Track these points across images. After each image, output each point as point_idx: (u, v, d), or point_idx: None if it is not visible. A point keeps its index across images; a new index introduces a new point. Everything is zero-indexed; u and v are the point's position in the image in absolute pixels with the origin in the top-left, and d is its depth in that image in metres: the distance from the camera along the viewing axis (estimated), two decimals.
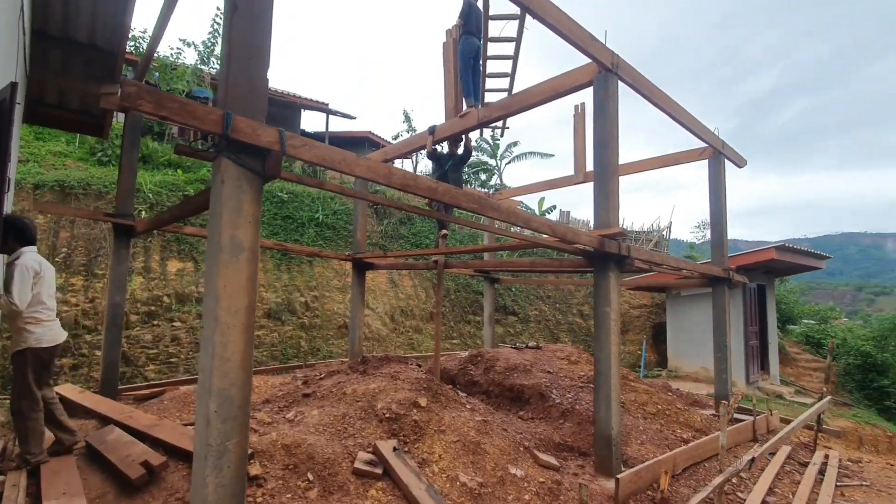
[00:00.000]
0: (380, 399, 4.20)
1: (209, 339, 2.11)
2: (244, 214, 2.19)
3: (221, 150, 2.15)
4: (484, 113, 6.03)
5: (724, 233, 7.46)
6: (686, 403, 6.98)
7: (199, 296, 8.68)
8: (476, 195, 3.25)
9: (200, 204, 3.07)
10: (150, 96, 1.92)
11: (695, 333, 12.57)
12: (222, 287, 2.12)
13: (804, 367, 15.18)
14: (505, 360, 6.52)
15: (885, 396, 13.43)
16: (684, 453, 4.89)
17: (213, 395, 2.06)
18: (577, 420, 5.35)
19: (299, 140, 2.37)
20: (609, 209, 4.69)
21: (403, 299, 11.15)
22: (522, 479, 3.71)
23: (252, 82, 2.26)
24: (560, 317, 14.03)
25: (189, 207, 3.25)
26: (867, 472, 6.25)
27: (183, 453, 3.36)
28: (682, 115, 6.15)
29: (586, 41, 4.49)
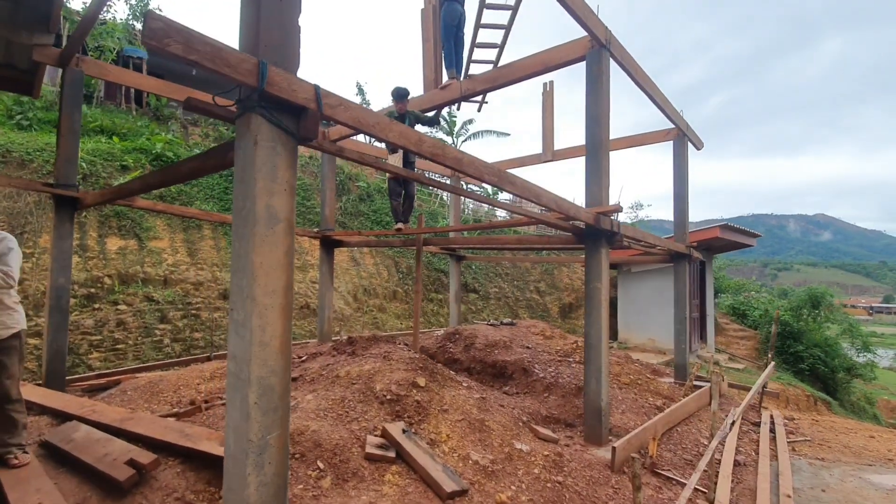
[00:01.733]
0: (377, 380, 4.04)
1: (244, 324, 1.85)
2: (280, 180, 1.93)
3: (253, 107, 1.86)
4: (468, 85, 5.83)
5: (686, 213, 7.85)
6: (650, 372, 7.40)
7: (144, 276, 7.91)
8: (497, 169, 3.11)
9: (194, 169, 2.70)
10: (179, 35, 1.60)
11: (643, 307, 13.36)
12: (259, 264, 1.86)
13: (733, 336, 16.70)
14: (484, 337, 6.54)
15: (800, 360, 15.09)
16: (663, 420, 5.17)
17: (253, 386, 1.82)
18: (560, 393, 5.49)
19: (335, 99, 2.11)
20: (601, 186, 4.73)
21: (366, 278, 10.86)
22: (528, 454, 3.74)
23: (285, 28, 1.96)
24: (518, 293, 14.34)
25: (177, 174, 2.85)
26: (802, 428, 6.98)
27: (170, 448, 3.04)
28: (658, 97, 6.31)
29: (586, 13, 4.43)
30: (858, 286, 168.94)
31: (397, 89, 5.91)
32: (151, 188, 3.54)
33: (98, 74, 5.61)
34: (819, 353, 14.91)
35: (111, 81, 6.36)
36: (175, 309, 7.83)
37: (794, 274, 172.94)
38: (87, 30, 4.91)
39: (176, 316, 7.80)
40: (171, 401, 4.24)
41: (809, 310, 16.03)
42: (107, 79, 5.77)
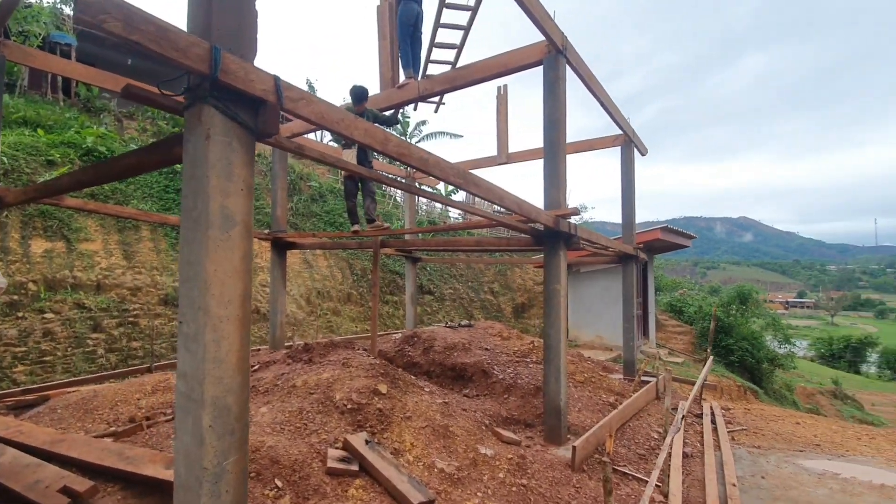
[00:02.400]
0: (336, 389, 3.87)
1: (196, 338, 1.67)
2: (235, 179, 1.76)
3: (205, 97, 1.69)
4: (425, 85, 5.77)
5: (633, 216, 8.19)
6: (601, 370, 7.63)
7: (74, 281, 7.20)
8: (462, 171, 3.06)
9: (135, 165, 2.44)
10: (118, 11, 1.40)
11: (592, 306, 13.85)
12: (212, 271, 1.68)
13: (671, 332, 17.67)
14: (443, 340, 6.48)
15: (731, 353, 16.21)
16: (617, 416, 5.33)
17: (207, 407, 1.65)
18: (520, 394, 5.53)
19: (297, 92, 1.96)
20: (559, 189, 4.81)
21: (320, 280, 10.49)
22: (493, 458, 3.71)
23: (241, 12, 1.80)
24: (473, 294, 14.41)
25: (114, 170, 2.56)
26: (737, 418, 7.46)
27: (109, 473, 2.74)
28: (609, 104, 6.52)
29: (544, 19, 4.47)
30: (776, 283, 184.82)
31: (356, 89, 5.72)
32: (83, 185, 3.18)
33: (22, 60, 5.05)
34: (747, 346, 16.09)
35: (36, 68, 5.73)
36: (110, 317, 7.17)
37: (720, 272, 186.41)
38: (10, 11, 4.39)
39: (111, 324, 7.14)
40: (107, 419, 3.84)
41: (738, 306, 17.27)
42: (32, 65, 5.19)
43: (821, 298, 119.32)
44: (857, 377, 34.34)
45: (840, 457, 5.42)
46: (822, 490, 4.35)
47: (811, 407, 19.43)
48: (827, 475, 4.72)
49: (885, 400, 26.63)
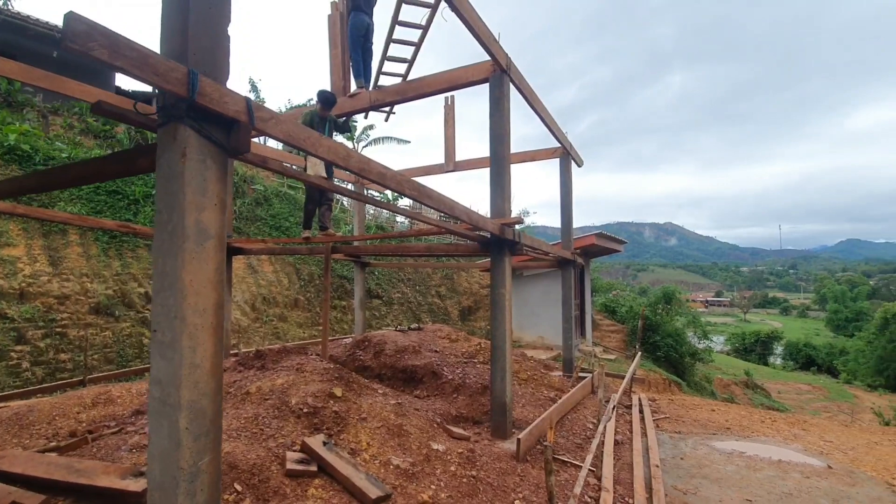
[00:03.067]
0: (292, 394, 3.94)
1: (172, 345, 1.77)
2: (210, 195, 1.87)
3: (181, 117, 1.79)
4: (376, 96, 5.94)
5: (570, 223, 8.77)
6: (543, 368, 8.11)
7: None
8: (416, 184, 3.27)
9: (89, 173, 2.45)
10: (104, 39, 1.49)
11: (534, 308, 14.51)
12: (188, 282, 1.79)
13: (606, 330, 18.84)
14: (393, 343, 6.63)
15: (657, 349, 17.53)
16: (556, 410, 5.75)
17: (184, 410, 1.75)
18: (468, 393, 5.80)
19: (267, 112, 2.09)
20: (504, 199, 5.15)
21: (265, 286, 10.24)
22: (444, 453, 3.94)
23: (216, 36, 1.91)
24: (420, 298, 14.61)
25: (64, 178, 2.52)
26: (662, 407, 8.21)
27: (57, 487, 2.67)
28: (548, 119, 7.00)
29: (489, 40, 4.79)
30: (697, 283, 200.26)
31: (324, 94, 5.72)
32: (25, 192, 3.05)
33: None
34: (671, 342, 17.47)
35: None
36: (35, 327, 6.65)
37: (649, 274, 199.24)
38: None
39: (36, 335, 6.62)
40: (46, 434, 3.66)
41: (664, 305, 18.70)
42: None
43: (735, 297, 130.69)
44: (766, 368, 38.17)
45: (746, 438, 6.16)
46: (731, 467, 4.97)
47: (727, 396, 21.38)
48: (735, 454, 5.38)
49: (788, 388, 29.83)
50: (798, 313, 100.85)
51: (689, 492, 4.28)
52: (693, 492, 4.28)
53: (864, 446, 6.09)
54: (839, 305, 63.49)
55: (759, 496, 4.20)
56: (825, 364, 40.40)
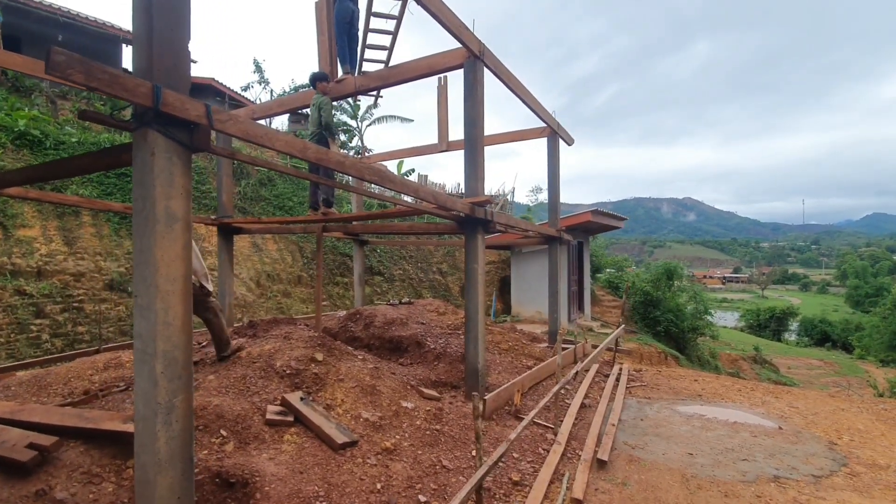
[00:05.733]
0: (277, 358, 4.43)
1: (149, 307, 2.21)
2: (176, 186, 2.28)
3: (149, 123, 2.19)
4: (361, 81, 6.25)
5: (557, 200, 9.04)
6: (528, 340, 8.55)
7: (13, 268, 7.24)
8: (377, 169, 3.63)
9: (86, 166, 2.88)
10: (80, 66, 1.89)
11: (532, 284, 14.87)
12: (160, 257, 2.22)
13: (607, 306, 19.15)
14: (383, 316, 7.11)
15: (657, 324, 17.82)
16: (529, 376, 6.20)
17: (159, 358, 2.20)
18: (448, 361, 6.27)
19: (225, 115, 2.48)
20: (477, 179, 5.48)
21: (269, 263, 10.81)
22: (413, 410, 4.42)
23: (177, 54, 2.29)
24: (422, 275, 15.09)
25: (66, 169, 2.97)
26: (645, 378, 8.60)
27: (70, 432, 3.21)
28: (530, 100, 7.22)
29: (460, 29, 5.05)
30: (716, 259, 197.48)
31: (320, 73, 6.12)
32: (33, 181, 3.51)
33: None
34: (672, 317, 17.73)
35: None
36: (53, 302, 7.30)
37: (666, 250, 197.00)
38: None
39: (55, 310, 7.28)
40: (62, 393, 4.24)
41: (665, 281, 18.87)
42: None
43: (754, 274, 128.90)
44: (779, 344, 38.05)
45: (713, 404, 6.54)
46: (686, 427, 5.37)
47: (733, 371, 21.65)
48: (695, 417, 5.78)
49: (799, 363, 29.89)
50: (818, 289, 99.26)
51: (637, 446, 4.71)
52: (641, 447, 4.71)
53: (827, 412, 6.42)
54: (860, 281, 62.40)
55: (701, 451, 4.61)
56: (840, 340, 40.12)
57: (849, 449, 4.81)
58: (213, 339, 4.57)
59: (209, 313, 4.39)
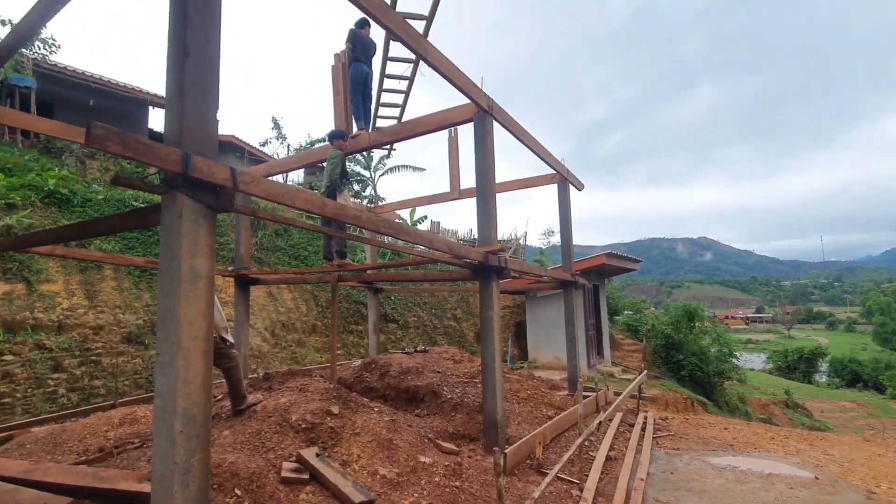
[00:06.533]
0: (293, 412, 4.37)
1: (170, 364, 2.24)
2: (201, 245, 2.37)
3: (178, 186, 2.31)
4: (375, 136, 6.52)
5: (570, 245, 9.06)
6: (547, 387, 8.31)
7: (34, 323, 7.40)
8: (393, 223, 3.73)
9: (113, 226, 3.00)
10: (117, 138, 2.03)
11: (549, 329, 14.62)
12: (183, 315, 2.27)
13: (627, 350, 18.63)
14: (398, 365, 7.02)
15: (681, 368, 17.21)
16: (550, 427, 5.98)
17: (178, 416, 2.20)
18: (466, 411, 6.11)
19: (248, 176, 2.60)
20: (490, 228, 5.56)
21: (284, 313, 10.87)
22: (431, 465, 4.27)
23: (205, 123, 2.44)
24: (436, 321, 14.98)
25: (94, 229, 3.10)
26: (672, 426, 8.23)
27: (83, 493, 3.16)
28: (538, 149, 7.41)
29: (469, 87, 5.30)
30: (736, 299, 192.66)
31: (339, 131, 6.43)
32: (62, 240, 3.67)
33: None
34: (696, 361, 17.14)
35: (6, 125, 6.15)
36: (71, 356, 7.38)
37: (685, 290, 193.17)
38: None
39: (72, 364, 7.35)
40: (77, 450, 4.21)
41: (686, 323, 18.40)
42: (1, 122, 5.63)
43: (777, 313, 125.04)
44: (809, 386, 36.35)
45: (746, 454, 6.20)
46: (719, 480, 5.08)
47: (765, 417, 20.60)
48: (728, 469, 5.47)
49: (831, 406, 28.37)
50: (845, 327, 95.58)
51: (669, 502, 4.45)
52: (674, 502, 4.45)
53: (863, 459, 6.03)
54: (885, 318, 60.20)
55: None
56: (871, 380, 38.25)
57: (887, 498, 4.51)
58: (229, 392, 4.55)
59: (230, 363, 4.41)
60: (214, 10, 2.50)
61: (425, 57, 4.51)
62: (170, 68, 2.43)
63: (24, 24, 4.08)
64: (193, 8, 2.38)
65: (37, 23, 3.92)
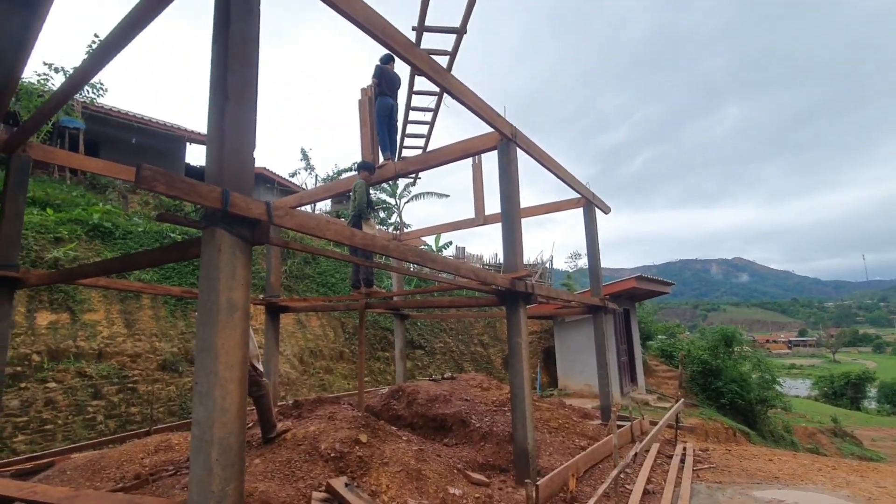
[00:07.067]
0: (322, 440, 4.38)
1: (207, 394, 2.31)
2: (238, 277, 2.46)
3: (217, 222, 2.42)
4: (401, 166, 6.67)
5: (598, 269, 8.93)
6: (579, 416, 8.07)
7: (76, 351, 7.72)
8: (419, 251, 3.79)
9: (155, 259, 3.15)
10: (163, 178, 2.16)
11: (579, 355, 14.27)
12: (220, 345, 2.35)
13: (662, 377, 17.94)
14: (425, 393, 6.97)
15: (721, 396, 16.43)
16: (584, 458, 5.78)
17: (215, 445, 2.25)
18: (495, 441, 5.98)
19: (282, 210, 2.71)
20: (516, 254, 5.55)
21: (312, 340, 11.00)
22: (461, 497, 4.18)
23: (243, 161, 2.58)
24: (463, 347, 14.85)
25: (137, 262, 3.27)
26: (713, 458, 7.82)
27: None
28: (563, 174, 7.42)
29: (492, 116, 5.40)
30: (777, 322, 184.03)
31: (368, 164, 6.65)
32: (107, 272, 3.87)
33: (45, 158, 5.88)
34: (736, 388, 16.34)
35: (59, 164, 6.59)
36: (110, 383, 7.65)
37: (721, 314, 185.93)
38: (40, 125, 5.26)
39: (111, 391, 7.60)
40: (114, 477, 4.31)
41: (724, 348, 17.64)
42: (54, 162, 6.08)
43: (821, 336, 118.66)
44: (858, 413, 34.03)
45: (792, 487, 5.83)
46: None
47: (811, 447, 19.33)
48: (773, 503, 5.14)
49: (884, 435, 26.39)
50: (893, 350, 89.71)
51: None
52: None
53: None
54: None
55: None
56: None
57: None
58: (259, 420, 4.61)
59: (260, 391, 4.48)
60: (252, 59, 2.67)
61: (449, 90, 4.65)
62: (211, 111, 2.59)
63: (78, 72, 4.44)
64: (234, 58, 2.55)
65: (89, 72, 4.26)
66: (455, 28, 4.96)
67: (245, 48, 2.64)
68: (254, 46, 2.70)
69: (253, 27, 2.69)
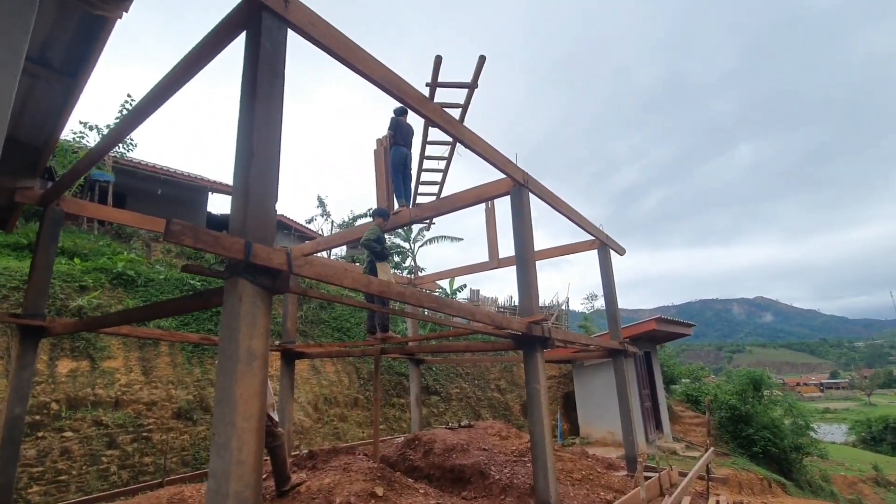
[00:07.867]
0: (336, 493, 4.26)
1: (225, 446, 2.29)
2: (258, 326, 2.50)
3: (240, 272, 2.50)
4: (415, 212, 6.82)
5: (616, 311, 8.78)
6: (603, 467, 7.70)
7: (94, 399, 7.74)
8: (435, 297, 3.81)
9: (178, 308, 3.22)
10: (190, 232, 2.26)
11: (600, 400, 13.77)
12: (239, 395, 2.35)
13: (689, 423, 17.14)
14: (442, 442, 6.76)
15: (752, 444, 15.60)
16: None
17: (231, 499, 2.21)
18: (516, 494, 5.72)
19: (302, 260, 2.78)
20: (531, 297, 5.52)
21: (326, 386, 10.87)
22: None
23: (265, 213, 2.68)
24: (479, 393, 14.49)
25: (161, 311, 3.34)
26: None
27: None
28: (576, 217, 7.48)
29: (504, 163, 5.54)
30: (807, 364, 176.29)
31: (384, 210, 6.78)
32: (131, 321, 3.96)
33: (77, 212, 6.16)
34: (769, 435, 15.52)
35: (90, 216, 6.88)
36: (125, 432, 7.60)
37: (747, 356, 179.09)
38: (74, 181, 5.55)
39: (125, 440, 7.54)
40: None
41: (752, 392, 16.92)
42: (85, 215, 6.34)
43: (854, 378, 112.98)
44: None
45: None
46: None
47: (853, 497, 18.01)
48: None
49: None
50: None
51: None
52: None
53: None
54: None
55: None
56: None
57: None
58: (273, 472, 4.51)
59: (275, 441, 4.42)
60: (277, 118, 2.83)
61: (462, 140, 4.82)
62: (237, 166, 2.73)
63: (112, 133, 4.73)
64: (259, 117, 2.72)
65: (122, 132, 4.54)
66: (467, 83, 5.20)
67: (270, 108, 2.81)
68: (278, 106, 2.87)
69: (278, 88, 2.88)
